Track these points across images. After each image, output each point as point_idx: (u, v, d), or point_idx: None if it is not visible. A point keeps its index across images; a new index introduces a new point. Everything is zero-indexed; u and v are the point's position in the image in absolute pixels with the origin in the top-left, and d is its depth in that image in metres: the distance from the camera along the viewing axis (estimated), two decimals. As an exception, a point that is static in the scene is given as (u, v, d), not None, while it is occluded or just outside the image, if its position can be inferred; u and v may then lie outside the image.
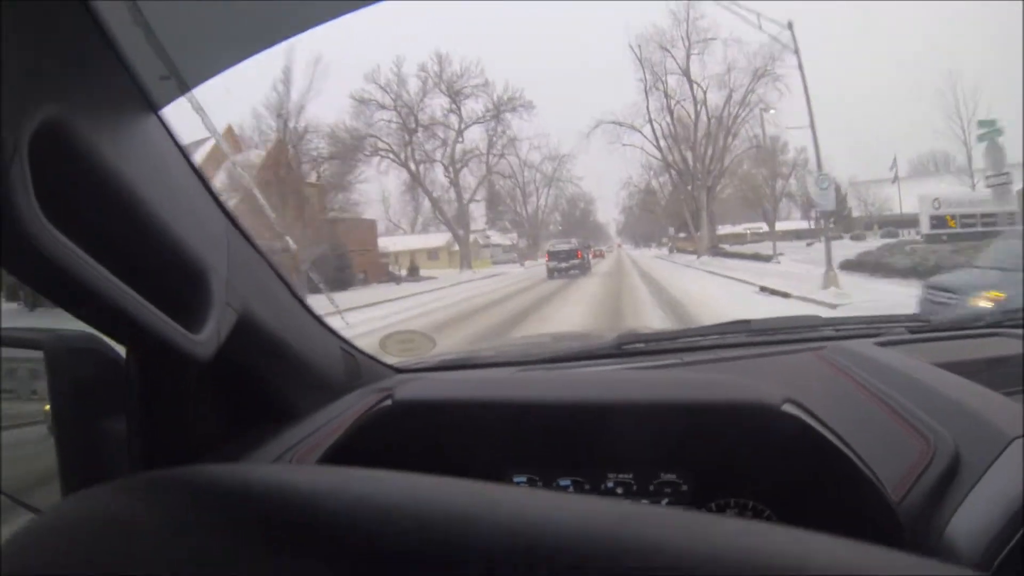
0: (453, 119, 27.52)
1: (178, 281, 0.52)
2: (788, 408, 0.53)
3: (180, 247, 0.51)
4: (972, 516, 0.51)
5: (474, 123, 27.97)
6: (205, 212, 0.58)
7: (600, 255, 31.87)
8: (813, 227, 34.74)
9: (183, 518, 0.31)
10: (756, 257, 18.23)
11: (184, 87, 0.54)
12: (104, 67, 0.45)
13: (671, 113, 26.18)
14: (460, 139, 27.84)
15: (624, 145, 27.41)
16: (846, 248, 16.61)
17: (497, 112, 28.00)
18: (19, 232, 0.36)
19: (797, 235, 33.94)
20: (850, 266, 11.98)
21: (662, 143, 26.50)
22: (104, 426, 0.62)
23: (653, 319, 7.61)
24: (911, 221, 26.57)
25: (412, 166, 26.96)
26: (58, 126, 0.39)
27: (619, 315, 8.60)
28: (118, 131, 0.46)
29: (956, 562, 0.50)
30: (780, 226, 38.60)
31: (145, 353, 0.55)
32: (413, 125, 26.35)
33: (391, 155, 26.31)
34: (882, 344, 0.93)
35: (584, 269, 17.35)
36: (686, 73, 25.38)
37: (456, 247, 29.63)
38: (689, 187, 25.50)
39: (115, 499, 0.34)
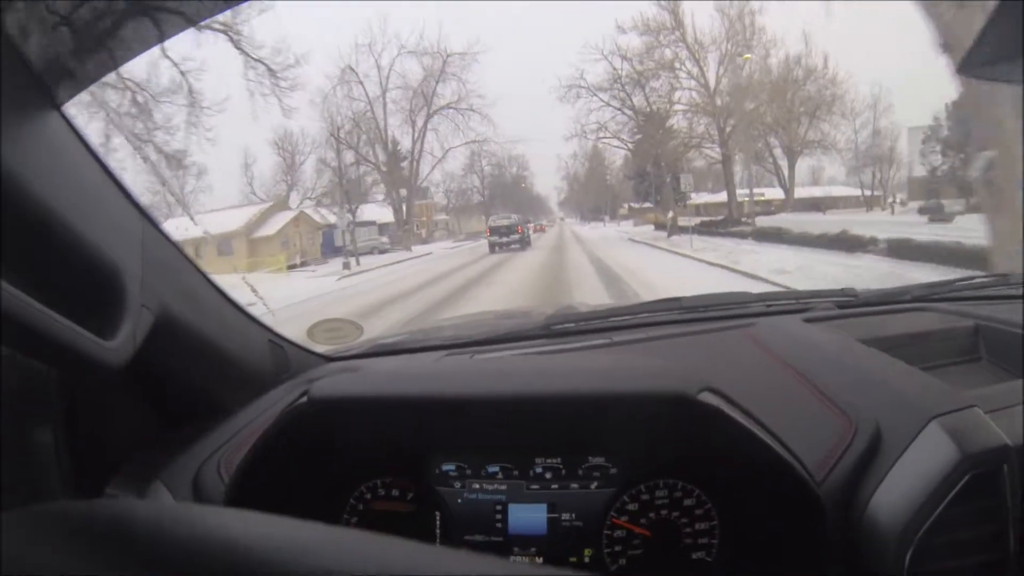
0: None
1: (88, 286, 0.50)
2: (704, 397, 0.53)
3: (89, 250, 0.50)
4: (893, 493, 0.54)
5: None
6: (116, 211, 0.56)
7: (541, 229, 27.16)
8: (869, 195, 21.93)
9: (59, 557, 0.30)
10: None
11: (85, 82, 0.53)
12: (1, 65, 0.43)
13: None
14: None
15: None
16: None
17: None
18: None
19: (814, 204, 24.45)
20: None
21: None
22: (33, 437, 0.60)
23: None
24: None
25: None
26: None
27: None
28: (18, 131, 0.45)
29: (878, 538, 0.53)
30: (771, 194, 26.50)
31: (56, 364, 0.54)
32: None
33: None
34: (810, 320, 0.94)
35: (524, 243, 16.81)
36: None
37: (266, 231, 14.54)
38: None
39: None
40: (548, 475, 0.61)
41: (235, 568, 0.27)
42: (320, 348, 0.98)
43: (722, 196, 25.80)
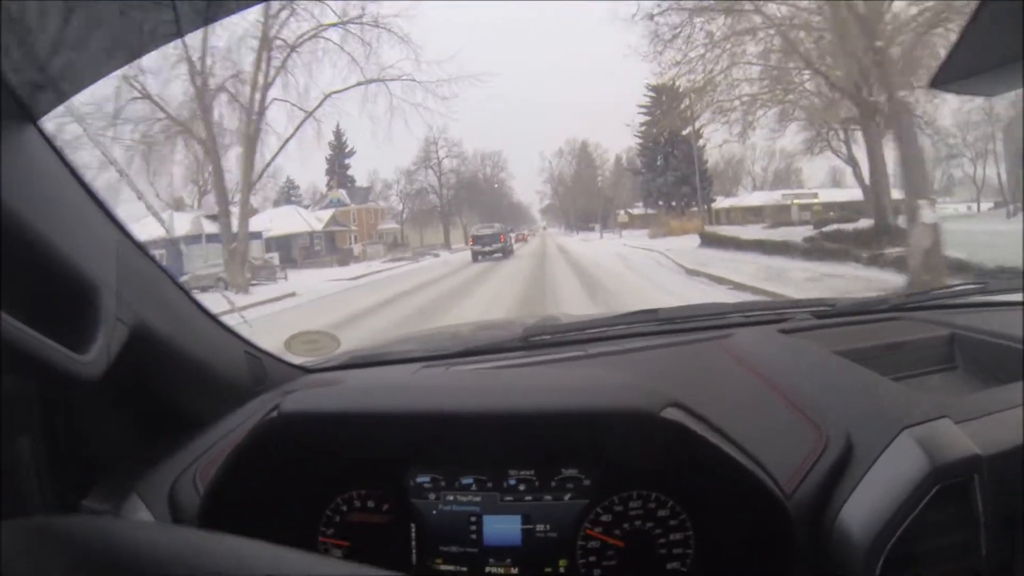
0: None
1: (63, 299, 0.50)
2: (668, 413, 0.54)
3: (62, 263, 0.50)
4: (864, 504, 0.55)
5: None
6: (92, 224, 0.57)
7: (523, 239, 24.26)
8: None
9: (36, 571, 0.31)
10: None
11: (62, 96, 0.53)
12: None
13: None
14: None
15: None
16: None
17: None
18: None
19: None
20: None
21: None
22: (11, 450, 0.59)
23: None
24: None
25: None
26: None
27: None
28: None
29: (849, 548, 0.54)
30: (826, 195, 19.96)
31: (29, 377, 0.54)
32: None
33: None
34: (786, 331, 0.95)
35: (507, 252, 16.93)
36: None
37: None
38: None
39: None
40: (522, 487, 0.62)
41: None
42: (298, 360, 0.98)
43: (753, 199, 18.75)
